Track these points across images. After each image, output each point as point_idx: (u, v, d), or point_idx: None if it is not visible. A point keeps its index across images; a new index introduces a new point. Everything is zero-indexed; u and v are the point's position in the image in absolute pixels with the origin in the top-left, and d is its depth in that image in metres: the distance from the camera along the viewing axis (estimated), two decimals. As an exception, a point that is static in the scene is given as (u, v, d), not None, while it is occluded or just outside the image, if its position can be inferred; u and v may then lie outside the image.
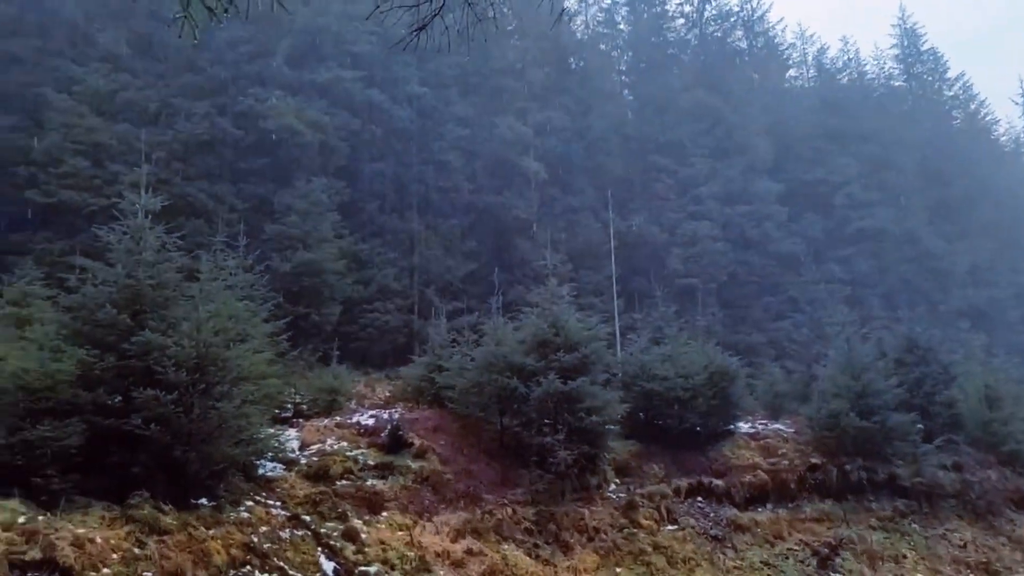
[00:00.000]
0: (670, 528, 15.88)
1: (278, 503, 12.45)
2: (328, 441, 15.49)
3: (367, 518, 12.90)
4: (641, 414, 19.36)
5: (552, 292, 17.93)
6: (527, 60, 39.78)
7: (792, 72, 58.95)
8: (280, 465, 13.82)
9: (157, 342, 11.01)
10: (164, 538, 9.54)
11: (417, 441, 15.72)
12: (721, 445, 19.61)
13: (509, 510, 14.54)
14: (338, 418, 17.20)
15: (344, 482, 13.85)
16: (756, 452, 19.66)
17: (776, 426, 21.70)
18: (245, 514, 11.38)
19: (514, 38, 40.97)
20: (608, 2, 54.20)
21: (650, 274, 35.67)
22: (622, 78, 52.36)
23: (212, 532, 10.26)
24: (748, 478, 18.23)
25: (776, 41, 57.09)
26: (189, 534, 9.89)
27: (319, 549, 11.46)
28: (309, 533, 11.78)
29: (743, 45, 54.88)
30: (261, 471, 13.23)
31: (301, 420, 17.19)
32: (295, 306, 22.63)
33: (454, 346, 19.49)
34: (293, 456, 14.41)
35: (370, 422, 16.76)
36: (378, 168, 32.91)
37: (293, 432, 15.90)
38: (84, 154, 24.13)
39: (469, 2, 3.83)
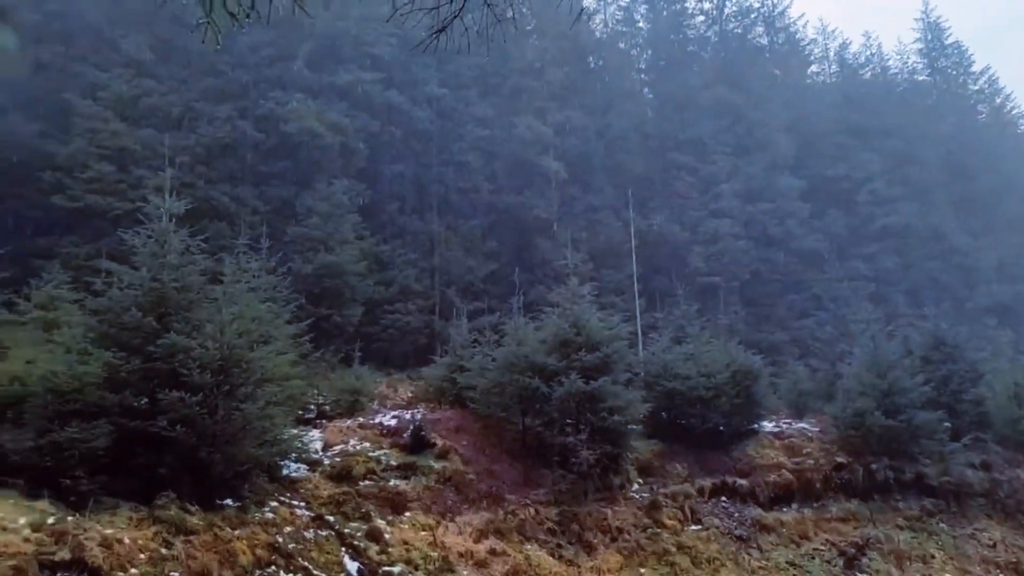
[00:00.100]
0: (694, 528, 15.80)
1: (302, 503, 12.53)
2: (351, 442, 15.57)
3: (390, 518, 12.95)
4: (663, 413, 19.27)
5: (573, 291, 17.90)
6: (546, 60, 39.74)
7: (814, 68, 58.51)
8: (304, 466, 13.91)
9: (182, 344, 11.11)
10: (190, 538, 9.63)
11: (439, 441, 15.75)
12: (745, 444, 19.48)
13: (532, 510, 14.53)
14: (361, 419, 17.27)
15: (367, 482, 13.91)
16: (780, 451, 19.51)
17: (800, 425, 21.52)
18: (270, 514, 11.47)
19: (533, 38, 40.92)
20: (627, 0, 54.04)
21: (671, 273, 35.50)
22: (641, 76, 52.19)
23: (237, 532, 10.34)
24: (773, 477, 18.10)
25: (797, 37, 56.67)
26: (215, 534, 9.98)
27: (343, 549, 11.52)
28: (333, 533, 11.84)
29: (764, 41, 54.47)
30: (285, 472, 13.32)
31: (324, 421, 17.29)
32: (317, 307, 22.78)
33: (475, 346, 19.51)
34: (316, 457, 14.49)
35: (392, 423, 16.81)
36: (398, 169, 33.02)
37: (316, 433, 15.99)
38: (109, 159, 24.43)
39: (488, 3, 3.82)
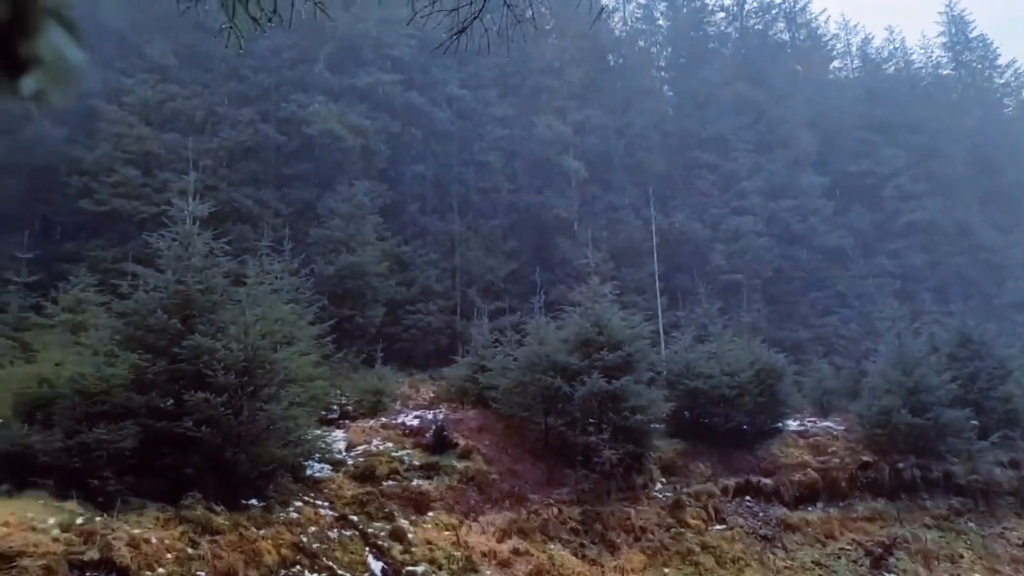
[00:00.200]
0: (718, 528, 15.71)
1: (326, 503, 12.61)
2: (374, 442, 15.64)
3: (413, 518, 13.00)
4: (686, 413, 19.18)
5: (594, 291, 17.88)
6: (565, 59, 39.66)
7: (836, 63, 57.84)
8: (327, 466, 14.00)
9: (206, 346, 11.23)
10: (216, 538, 9.73)
11: (462, 441, 15.78)
12: (769, 443, 19.35)
13: (555, 510, 14.53)
14: (383, 419, 17.35)
15: (390, 482, 13.97)
16: (805, 450, 19.35)
17: (825, 424, 21.33)
18: (294, 514, 11.55)
19: (552, 37, 40.84)
20: (646, -2, 53.75)
21: (693, 271, 35.30)
22: (661, 74, 51.89)
23: (262, 532, 10.43)
24: (797, 477, 17.96)
25: (819, 32, 56.08)
26: (240, 534, 10.07)
27: (367, 549, 11.58)
28: (357, 533, 11.91)
29: (785, 37, 53.96)
30: (309, 472, 13.42)
31: (347, 421, 17.38)
32: (339, 308, 22.87)
33: (497, 346, 19.54)
34: (340, 457, 14.58)
35: (415, 423, 16.87)
36: (419, 170, 33.10)
37: (339, 433, 16.08)
38: (134, 163, 24.73)
39: (508, 4, 3.83)
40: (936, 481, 18.62)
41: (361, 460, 14.55)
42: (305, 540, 10.87)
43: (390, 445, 15.53)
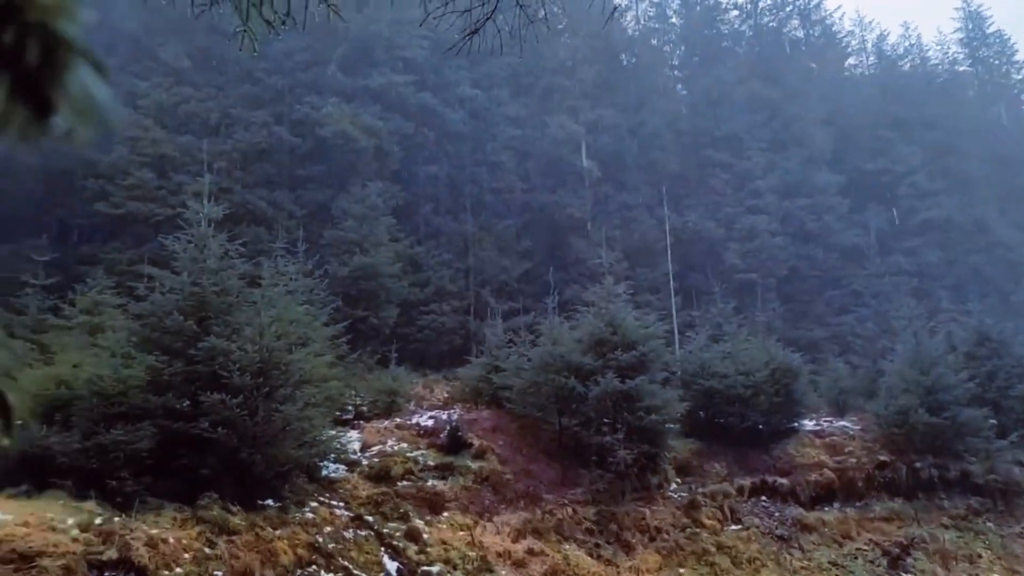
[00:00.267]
0: (734, 528, 15.64)
1: (341, 504, 12.65)
2: (388, 442, 15.68)
3: (428, 518, 13.02)
4: (701, 412, 19.11)
5: (608, 290, 17.84)
6: (578, 58, 39.61)
7: (851, 60, 57.46)
8: (342, 466, 14.04)
9: (222, 347, 11.29)
10: (233, 538, 9.78)
11: (476, 441, 15.80)
12: (785, 443, 19.24)
13: (569, 510, 14.51)
14: (398, 419, 17.39)
15: (405, 483, 14.00)
16: (821, 450, 19.24)
17: (842, 423, 21.19)
18: (310, 514, 11.60)
19: (565, 36, 40.79)
20: (659, -4, 53.61)
21: (707, 270, 35.17)
22: (675, 73, 51.74)
23: (278, 532, 10.48)
24: (814, 477, 17.86)
25: (834, 29, 55.73)
26: (256, 534, 10.12)
27: (382, 549, 11.61)
28: (372, 533, 11.94)
29: (799, 35, 53.70)
30: (324, 472, 13.47)
31: (362, 422, 17.43)
32: (354, 309, 22.95)
33: (511, 346, 19.53)
34: (355, 457, 14.63)
35: (429, 423, 16.90)
36: (432, 171, 33.16)
37: (354, 434, 16.13)
38: (149, 166, 24.92)
39: (520, 4, 3.83)
40: (954, 481, 18.47)
41: (376, 460, 14.59)
42: (321, 540, 10.91)
43: (405, 445, 15.56)
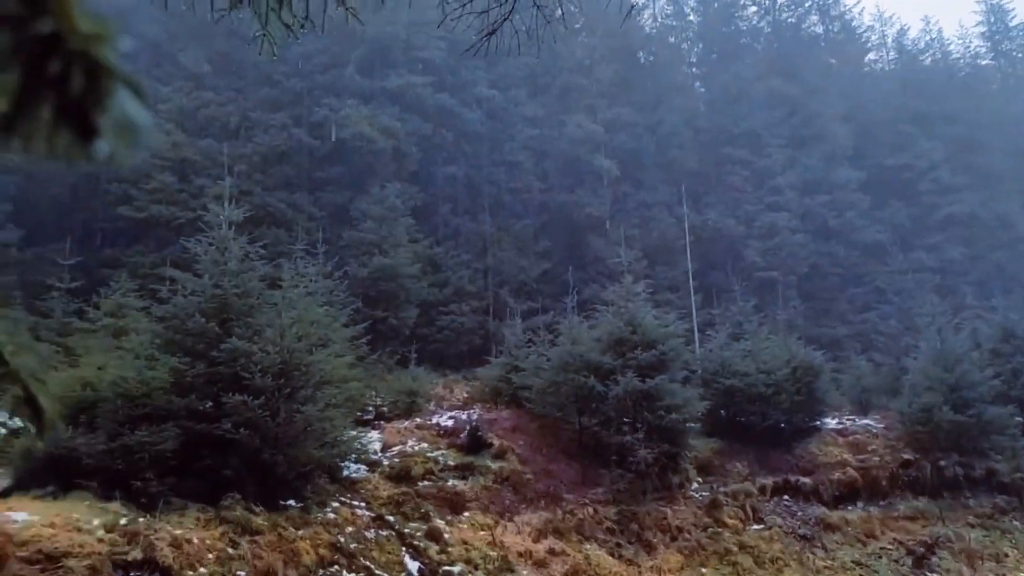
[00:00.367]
0: (756, 527, 15.55)
1: (362, 504, 12.71)
2: (409, 442, 15.73)
3: (449, 518, 13.05)
4: (722, 411, 19.01)
5: (627, 289, 17.79)
6: (595, 57, 39.52)
7: (871, 55, 56.79)
8: (363, 466, 14.11)
9: (244, 349, 11.38)
10: (256, 538, 9.86)
11: (496, 441, 15.81)
12: (807, 442, 19.09)
13: (590, 510, 14.49)
14: (418, 419, 17.44)
15: (426, 483, 14.04)
16: (844, 449, 19.07)
17: (865, 421, 20.99)
18: (331, 515, 11.66)
19: (582, 36, 40.73)
20: (677, -6, 53.32)
21: (727, 268, 34.96)
22: (693, 70, 51.46)
23: (301, 532, 10.55)
24: (837, 475, 17.71)
25: (853, 24, 55.18)
26: (279, 534, 10.19)
27: (403, 549, 11.65)
28: (393, 533, 11.98)
29: (819, 30, 53.23)
30: (345, 472, 13.53)
31: (382, 422, 17.49)
32: (373, 310, 23.05)
33: (530, 346, 19.53)
34: (375, 458, 14.68)
35: (449, 423, 16.94)
36: (450, 171, 33.24)
37: (375, 434, 16.20)
38: (171, 169, 25.18)
39: (537, 4, 3.83)
40: (979, 479, 18.24)
41: (396, 461, 14.64)
42: (342, 540, 10.96)
43: (425, 446, 15.60)
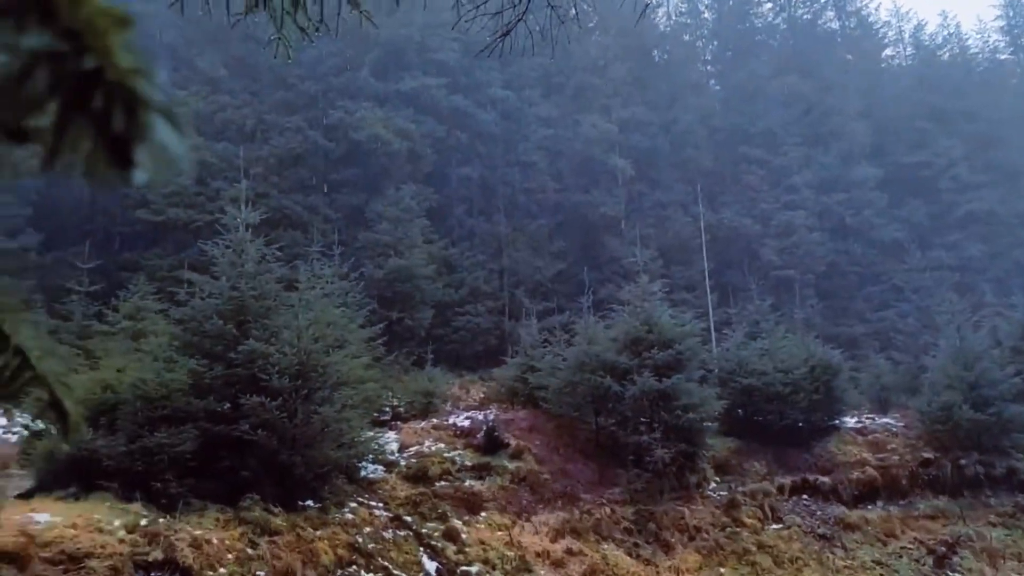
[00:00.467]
0: (775, 527, 15.47)
1: (380, 504, 12.76)
2: (426, 443, 15.77)
3: (466, 518, 13.07)
4: (740, 410, 18.93)
5: (643, 289, 17.75)
6: (609, 56, 39.39)
7: (888, 51, 56.28)
8: (381, 467, 14.16)
9: (261, 350, 11.45)
10: (275, 539, 9.92)
11: (513, 441, 15.82)
12: (826, 441, 18.97)
13: (607, 509, 14.46)
14: (434, 420, 17.48)
15: (443, 483, 14.07)
16: (863, 447, 18.94)
17: (884, 420, 20.84)
18: (349, 515, 11.71)
19: (595, 35, 40.61)
20: (691, -9, 53.10)
21: (744, 267, 34.82)
22: (707, 68, 51.23)
23: (319, 533, 10.60)
24: (856, 475, 17.60)
25: (870, 20, 54.64)
26: (298, 535, 10.25)
27: (421, 549, 11.68)
28: (411, 533, 12.02)
29: (835, 27, 52.78)
30: (363, 473, 13.59)
31: (399, 423, 17.56)
32: (389, 311, 23.14)
33: (546, 346, 19.53)
34: (393, 458, 14.73)
35: (466, 423, 16.96)
36: (465, 172, 33.29)
37: (392, 435, 16.25)
38: (188, 173, 25.35)
39: (551, 4, 3.83)
40: (1000, 478, 18.06)
41: (414, 461, 14.68)
42: (360, 540, 11.01)
43: (442, 446, 15.63)
